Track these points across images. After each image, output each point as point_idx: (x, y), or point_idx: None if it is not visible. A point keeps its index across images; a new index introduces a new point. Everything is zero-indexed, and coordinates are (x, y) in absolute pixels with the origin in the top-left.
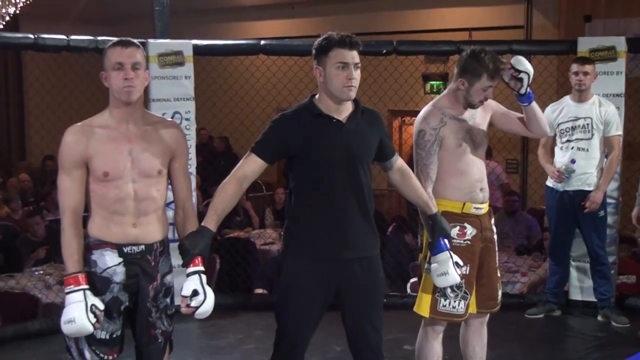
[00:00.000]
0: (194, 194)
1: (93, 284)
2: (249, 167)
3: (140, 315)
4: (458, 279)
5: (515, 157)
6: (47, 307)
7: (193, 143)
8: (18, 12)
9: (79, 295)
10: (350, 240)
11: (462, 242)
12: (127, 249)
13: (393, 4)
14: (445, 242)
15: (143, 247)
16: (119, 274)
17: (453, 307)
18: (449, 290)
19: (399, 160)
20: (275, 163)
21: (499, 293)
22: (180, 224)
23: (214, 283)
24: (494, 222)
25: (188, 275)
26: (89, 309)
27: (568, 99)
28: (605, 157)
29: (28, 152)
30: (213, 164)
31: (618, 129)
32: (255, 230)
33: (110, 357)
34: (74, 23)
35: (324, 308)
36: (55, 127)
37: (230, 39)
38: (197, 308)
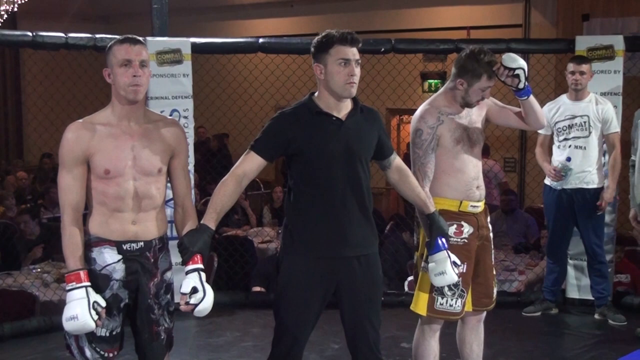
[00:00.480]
0: (192, 192)
1: (93, 282)
2: (248, 165)
3: (141, 312)
4: (456, 279)
5: (513, 155)
6: (44, 305)
7: (191, 141)
8: (16, 9)
9: (81, 292)
10: (349, 238)
11: (459, 240)
12: (126, 246)
13: (391, 3)
14: (443, 241)
15: (142, 244)
16: (119, 271)
17: (450, 305)
18: (446, 289)
19: (397, 159)
20: (274, 161)
21: (495, 291)
22: (180, 222)
23: (212, 281)
24: (491, 220)
25: (187, 273)
26: (92, 306)
27: (565, 98)
28: (604, 155)
29: (26, 150)
30: (211, 162)
31: (616, 127)
32: (253, 229)
33: (111, 354)
34: (72, 21)
35: (323, 306)
36: (53, 125)
37: (229, 37)
38: (196, 305)
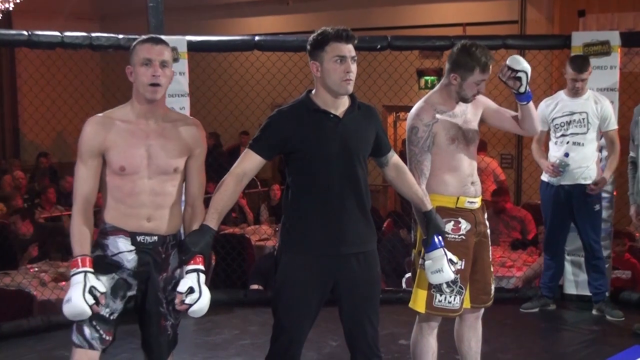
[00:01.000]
0: None
1: (104, 265)
2: (248, 164)
3: (150, 305)
4: (452, 276)
5: (510, 152)
6: (42, 304)
7: None
8: (11, 8)
9: (80, 277)
10: (348, 236)
11: (456, 237)
12: (140, 238)
13: (387, 0)
14: (440, 239)
15: (156, 238)
16: (131, 261)
17: (449, 302)
18: (445, 286)
19: (395, 156)
20: (273, 159)
21: (492, 288)
22: (188, 221)
23: (210, 279)
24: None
25: (187, 273)
26: (87, 290)
27: (562, 94)
28: (600, 151)
29: (22, 149)
30: (207, 160)
31: (615, 123)
32: (250, 227)
33: (108, 337)
34: (67, 19)
35: (321, 303)
36: (49, 124)
37: (225, 35)
38: (190, 305)
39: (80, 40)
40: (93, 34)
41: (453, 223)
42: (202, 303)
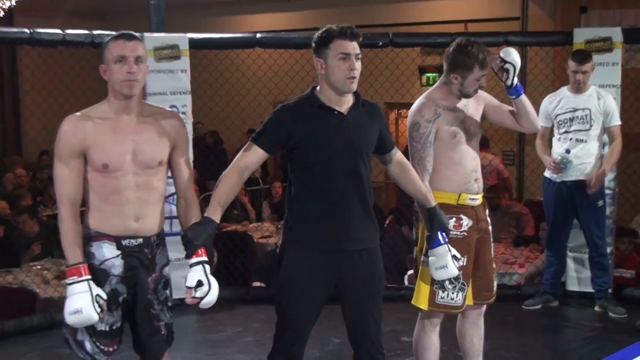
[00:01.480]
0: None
1: (92, 276)
2: (250, 157)
3: (140, 308)
4: (456, 272)
5: (512, 148)
6: (44, 302)
7: (190, 137)
8: (13, 5)
9: (84, 286)
10: (351, 232)
11: (458, 233)
12: (125, 242)
13: None
14: (444, 235)
15: (141, 240)
16: (117, 267)
17: (451, 298)
18: (447, 282)
19: (398, 154)
20: (275, 153)
21: (495, 284)
22: (183, 214)
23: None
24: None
25: (191, 266)
26: (95, 299)
27: (565, 90)
28: (603, 147)
29: (24, 146)
30: (209, 158)
31: (618, 119)
32: (253, 224)
33: (111, 348)
34: (69, 17)
35: (324, 300)
36: (52, 121)
37: (226, 33)
38: (201, 298)
39: (82, 38)
40: (95, 32)
41: (455, 220)
42: (212, 295)
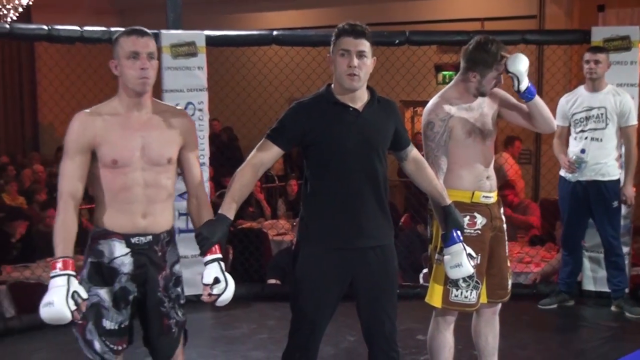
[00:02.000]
0: (207, 185)
1: (101, 274)
2: (265, 154)
3: (151, 306)
4: (471, 271)
5: (528, 147)
6: None
7: (206, 134)
8: (31, 2)
9: (62, 280)
10: (366, 230)
11: (472, 231)
12: (134, 240)
13: None
14: (458, 233)
15: (150, 237)
16: (127, 265)
17: (465, 297)
18: (461, 281)
19: (414, 151)
20: (290, 149)
21: (509, 282)
22: (195, 213)
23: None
24: None
25: (207, 264)
26: (70, 295)
27: (582, 89)
28: (621, 147)
29: (42, 143)
30: (225, 155)
31: (634, 119)
32: (268, 221)
33: (120, 347)
34: (86, 14)
35: (339, 297)
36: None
37: (243, 30)
38: (218, 296)
39: (100, 35)
40: (112, 29)
41: (469, 218)
42: (229, 292)
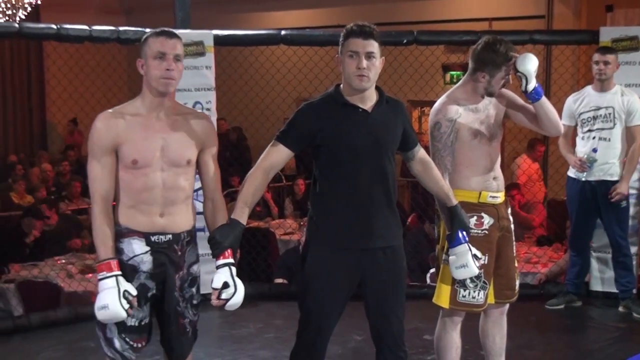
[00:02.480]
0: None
1: (121, 271)
2: (275, 156)
3: (168, 304)
4: (476, 272)
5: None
6: (69, 295)
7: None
8: (40, 2)
9: (112, 282)
10: (375, 230)
11: (479, 232)
12: (154, 238)
13: None
14: (464, 234)
15: (170, 236)
16: (146, 263)
17: (473, 297)
18: (469, 281)
19: (422, 151)
20: (300, 151)
21: (517, 283)
22: (210, 215)
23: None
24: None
25: (218, 268)
26: (122, 295)
27: (590, 89)
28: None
29: (50, 142)
30: (233, 154)
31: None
32: (275, 221)
33: (139, 344)
34: (94, 13)
35: (348, 297)
36: (77, 117)
37: (251, 29)
38: (227, 300)
39: (108, 34)
40: (120, 28)
41: (476, 218)
42: (238, 297)
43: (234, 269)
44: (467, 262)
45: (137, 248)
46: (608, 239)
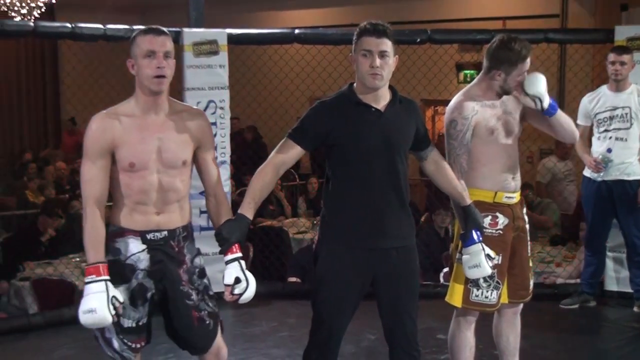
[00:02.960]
0: (228, 183)
1: (118, 272)
2: (286, 153)
3: (174, 300)
4: (489, 271)
5: (550, 146)
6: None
7: (227, 132)
8: (55, 1)
9: (101, 286)
10: (387, 229)
11: (494, 231)
12: (150, 236)
13: None
14: (478, 234)
15: (166, 232)
16: (144, 261)
17: (485, 297)
18: (482, 280)
19: (434, 151)
20: (312, 149)
21: (531, 283)
22: (214, 212)
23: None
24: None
25: (227, 263)
26: (110, 300)
27: (605, 89)
28: None
29: (64, 140)
30: (247, 153)
31: None
32: (288, 219)
33: (138, 345)
34: (108, 12)
35: (361, 296)
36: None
37: (265, 28)
38: (240, 295)
39: (123, 33)
40: (135, 27)
41: (490, 218)
42: (250, 290)
43: (243, 263)
44: (480, 261)
45: (133, 247)
46: (624, 239)
